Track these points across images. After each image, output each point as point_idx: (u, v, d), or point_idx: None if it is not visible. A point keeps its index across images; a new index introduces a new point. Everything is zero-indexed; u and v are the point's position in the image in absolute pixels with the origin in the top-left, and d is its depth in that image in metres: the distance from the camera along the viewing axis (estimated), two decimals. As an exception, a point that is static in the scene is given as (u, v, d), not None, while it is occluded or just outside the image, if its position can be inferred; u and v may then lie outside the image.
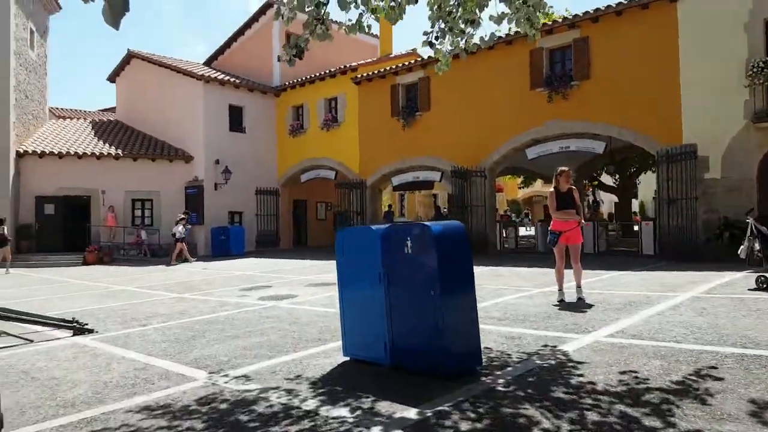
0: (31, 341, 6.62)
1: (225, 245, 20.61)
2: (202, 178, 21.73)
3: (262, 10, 24.46)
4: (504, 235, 20.40)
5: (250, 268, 15.59)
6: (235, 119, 22.82)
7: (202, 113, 21.78)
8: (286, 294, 9.96)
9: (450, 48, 6.33)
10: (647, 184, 30.80)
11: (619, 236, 22.45)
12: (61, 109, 30.28)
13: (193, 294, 10.66)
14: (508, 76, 17.16)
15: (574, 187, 7.66)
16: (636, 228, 18.71)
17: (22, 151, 19.84)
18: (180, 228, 18.83)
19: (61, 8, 24.09)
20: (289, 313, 7.97)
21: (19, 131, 20.34)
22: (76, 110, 31.38)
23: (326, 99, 22.27)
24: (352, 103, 21.25)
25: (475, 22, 6.01)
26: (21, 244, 19.56)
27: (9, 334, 6.65)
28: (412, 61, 19.70)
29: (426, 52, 18.98)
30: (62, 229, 20.42)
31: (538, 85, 16.59)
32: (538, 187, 47.49)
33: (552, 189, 7.70)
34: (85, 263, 19.11)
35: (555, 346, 5.22)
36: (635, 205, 32.96)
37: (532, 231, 25.44)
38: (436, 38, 6.13)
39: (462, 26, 6.03)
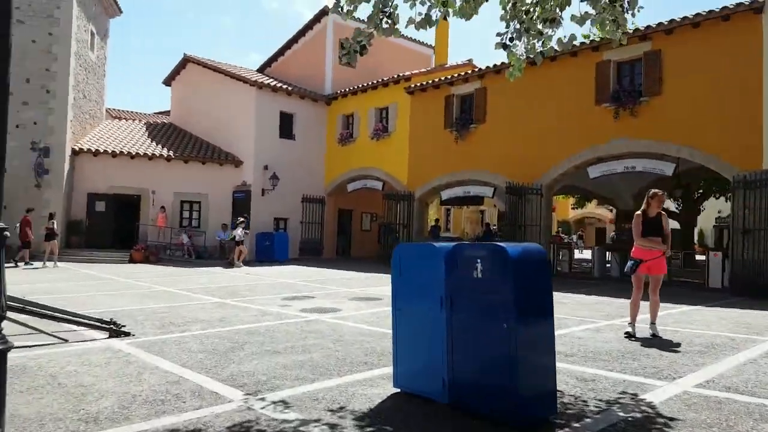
0: (66, 341, 6.34)
1: (269, 251, 20.42)
2: (250, 183, 21.67)
3: (317, 18, 24.43)
4: (559, 257, 19.47)
5: (293, 276, 15.25)
6: (286, 126, 22.74)
7: (254, 119, 21.78)
8: (330, 307, 9.49)
9: (524, 51, 5.78)
10: (709, 210, 29.13)
11: (681, 266, 21.08)
12: (118, 110, 31.07)
13: (235, 300, 10.33)
14: (571, 90, 16.36)
15: (663, 213, 6.92)
16: (700, 258, 17.34)
17: (77, 148, 20.24)
18: (239, 231, 18.81)
19: (121, 12, 24.70)
20: (332, 329, 7.48)
21: (76, 129, 20.79)
22: (131, 112, 32.15)
23: (377, 108, 21.93)
24: (404, 113, 20.83)
25: (555, 21, 5.43)
26: (71, 239, 19.89)
27: (44, 332, 6.39)
28: (469, 72, 19.13)
29: (483, 62, 18.40)
30: (111, 227, 20.71)
31: (604, 100, 15.73)
32: (591, 208, 45.88)
33: (638, 212, 6.98)
34: (132, 261, 19.22)
35: (636, 395, 4.52)
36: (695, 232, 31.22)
37: (586, 254, 24.31)
38: (511, 39, 5.58)
39: (540, 27, 5.47)
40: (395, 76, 21.03)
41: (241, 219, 19.46)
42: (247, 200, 21.57)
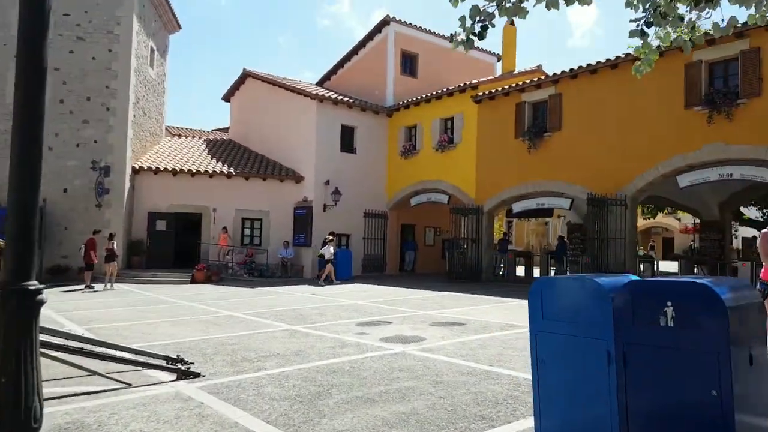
0: (129, 385, 5.59)
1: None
2: (311, 199, 21.06)
3: (377, 29, 23.78)
4: (641, 270, 17.89)
5: (360, 296, 14.35)
6: (347, 139, 22.08)
7: (314, 133, 21.21)
8: (412, 336, 8.48)
9: (659, 40, 4.73)
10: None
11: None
12: (177, 127, 31.32)
13: (306, 326, 9.48)
14: (656, 93, 14.95)
15: None
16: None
17: (137, 167, 20.16)
18: (330, 249, 18.46)
19: (181, 28, 24.80)
20: (424, 365, 6.47)
21: (136, 147, 20.75)
22: (190, 129, 32.39)
23: (442, 119, 20.96)
24: (471, 124, 19.77)
25: (712, 2, 4.33)
26: (132, 260, 19.73)
27: (105, 376, 5.66)
28: (540, 77, 17.93)
29: (559, 66, 17.15)
30: (173, 246, 20.47)
31: (695, 103, 14.25)
32: (659, 217, 43.26)
33: (766, 230, 5.80)
34: (193, 281, 18.84)
35: None
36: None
37: (662, 266, 22.42)
38: (648, 25, 4.50)
39: (681, 11, 4.40)
40: (461, 84, 20.03)
41: (330, 237, 19.01)
42: (309, 216, 20.95)
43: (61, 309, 11.74)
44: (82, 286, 16.37)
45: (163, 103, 24.67)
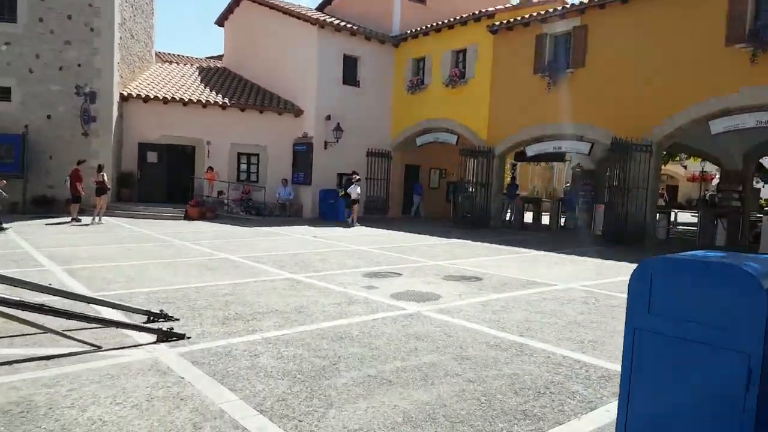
0: (99, 348, 4.71)
1: (333, 210, 18.73)
2: (312, 135, 19.82)
3: (385, -52, 21.76)
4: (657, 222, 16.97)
5: (364, 241, 13.47)
6: (350, 71, 20.59)
7: (316, 62, 19.71)
8: (426, 292, 7.60)
9: None
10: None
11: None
12: (168, 54, 29.52)
13: (308, 275, 8.61)
14: (693, 28, 13.55)
15: None
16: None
17: (126, 93, 18.78)
18: (357, 189, 17.62)
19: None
20: (444, 332, 5.60)
21: (124, 73, 19.29)
22: (183, 56, 30.55)
23: (454, 51, 19.43)
24: (485, 57, 18.29)
25: None
26: (122, 192, 18.70)
27: (68, 337, 4.76)
28: (564, 6, 16.34)
29: (585, -4, 15.54)
30: (165, 179, 19.39)
31: (738, 39, 12.87)
32: (666, 166, 42.01)
33: None
34: (187, 218, 17.92)
35: None
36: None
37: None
38: None
39: None
40: (475, 12, 18.38)
41: (357, 176, 18.10)
42: (309, 153, 19.79)
43: (42, 245, 10.83)
44: (69, 219, 15.44)
45: (152, 25, 22.94)
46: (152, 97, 19.06)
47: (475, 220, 17.87)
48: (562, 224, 19.21)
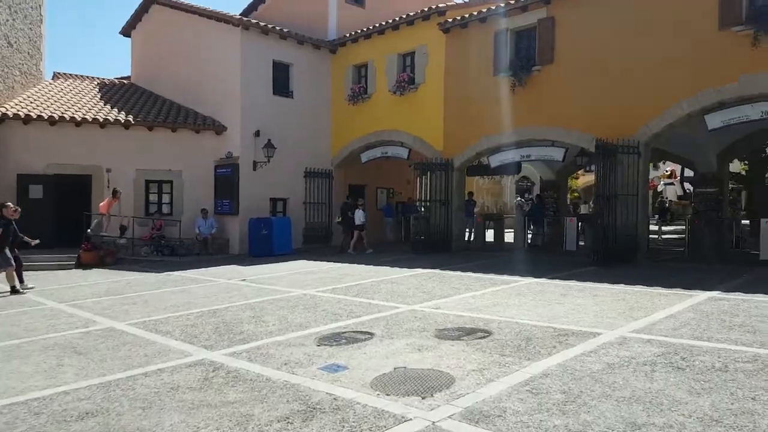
0: None
1: (266, 242, 15.58)
2: (237, 155, 16.69)
3: (314, -55, 19.22)
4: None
5: (310, 281, 10.49)
6: (281, 80, 17.69)
7: (240, 71, 16.69)
8: (426, 371, 4.76)
9: None
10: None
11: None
12: (68, 74, 25.47)
13: (233, 352, 5.62)
14: (681, 11, 11.78)
15: None
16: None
17: (1, 113, 15.01)
18: (361, 213, 16.20)
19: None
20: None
21: (-1, 88, 15.55)
22: (86, 76, 26.56)
23: (400, 54, 16.97)
24: (437, 59, 15.93)
25: None
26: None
27: None
28: (525, -2, 14.26)
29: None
30: (52, 218, 15.54)
31: (734, 21, 11.14)
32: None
33: None
34: (81, 265, 14.31)
35: None
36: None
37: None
38: None
39: None
40: (424, 10, 16.03)
41: (361, 200, 16.92)
42: (234, 177, 16.60)
43: None
44: None
45: (40, 35, 19.13)
46: (35, 117, 15.34)
47: (435, 244, 15.28)
48: (529, 242, 16.99)
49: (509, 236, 18.58)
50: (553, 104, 13.52)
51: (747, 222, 17.32)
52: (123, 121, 16.13)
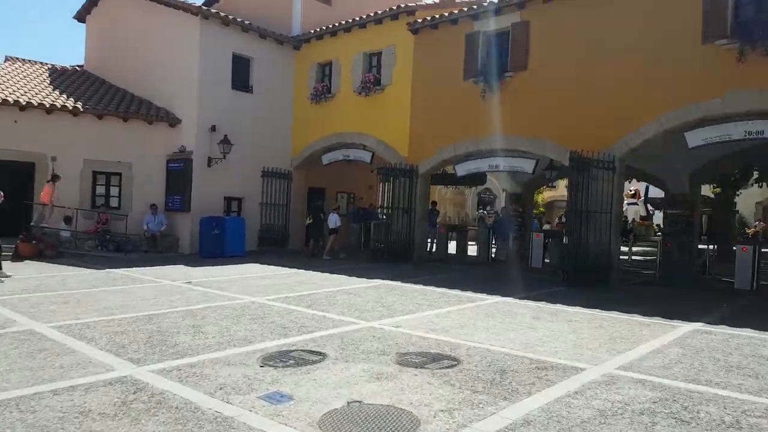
0: None
1: (218, 243, 14.82)
2: (192, 150, 15.88)
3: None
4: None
5: (261, 288, 9.86)
6: (240, 75, 16.98)
7: (198, 61, 15.92)
8: (385, 408, 4.24)
9: None
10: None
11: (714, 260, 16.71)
12: (21, 59, 23.99)
13: (162, 368, 5.00)
14: (663, 23, 11.47)
15: None
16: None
17: (-69, 92, 13.87)
18: (336, 218, 15.80)
19: None
20: None
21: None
22: (39, 62, 25.09)
23: (366, 54, 16.49)
24: (405, 60, 15.51)
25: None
26: None
27: None
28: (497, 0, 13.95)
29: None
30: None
31: (719, 35, 10.78)
32: (561, 189, 41.66)
33: None
34: (17, 257, 13.26)
35: None
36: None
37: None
38: None
39: None
40: (392, 8, 15.61)
41: (338, 204, 16.98)
42: (187, 172, 15.79)
43: None
44: None
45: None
46: (-27, 98, 14.24)
47: (396, 253, 14.81)
48: (493, 256, 16.69)
49: (471, 248, 18.27)
50: (525, 113, 13.21)
51: (713, 247, 17.36)
52: (71, 108, 15.14)
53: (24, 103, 14.65)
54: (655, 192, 26.64)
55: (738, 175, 20.48)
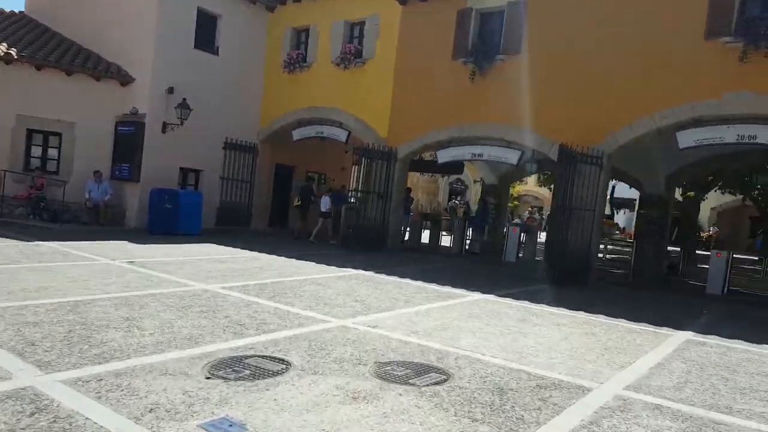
0: None
1: (170, 218, 13.26)
2: (144, 113, 14.21)
3: None
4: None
5: (214, 273, 8.49)
6: (205, 33, 15.33)
7: (156, 13, 14.21)
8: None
9: None
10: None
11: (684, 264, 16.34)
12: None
13: (80, 367, 3.83)
14: (667, 15, 10.77)
15: None
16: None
17: None
18: (327, 200, 14.92)
19: None
20: None
21: None
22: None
23: (348, 22, 15.13)
24: (389, 32, 14.23)
25: None
26: None
27: None
28: (495, -24, 12.87)
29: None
30: None
31: (723, 32, 10.19)
32: (530, 185, 41.50)
33: None
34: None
35: None
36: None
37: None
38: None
39: None
40: (379, -27, 14.31)
41: (328, 186, 16.25)
42: (138, 137, 14.11)
43: None
44: None
45: None
46: None
47: (368, 240, 13.61)
48: (467, 248, 15.75)
49: (444, 239, 17.28)
50: (514, 100, 12.18)
51: (680, 249, 16.95)
52: (3, 54, 13.20)
53: (-52, 45, 12.70)
54: (620, 192, 26.54)
55: (710, 179, 20.26)
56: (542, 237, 17.19)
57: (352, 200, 14.84)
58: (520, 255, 14.61)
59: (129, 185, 14.30)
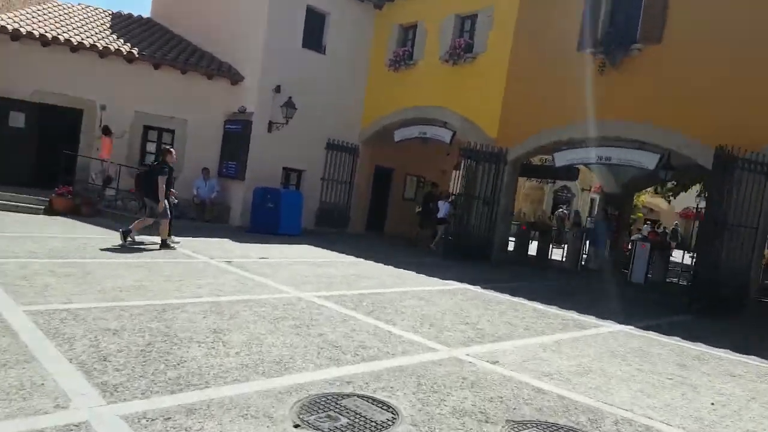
0: None
1: (272, 218, 13.08)
2: (252, 111, 14.18)
3: None
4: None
5: (312, 280, 7.93)
6: (313, 31, 15.09)
7: (266, 12, 14.13)
8: None
9: None
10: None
11: None
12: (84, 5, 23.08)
13: (148, 396, 3.22)
14: None
15: None
16: None
17: (-19, 22, 12.68)
18: (447, 206, 14.16)
19: None
20: None
21: (-16, -8, 13.21)
22: (104, 9, 24.16)
23: (459, 16, 14.24)
24: (505, 25, 13.16)
25: None
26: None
27: None
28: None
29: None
30: (33, 152, 13.36)
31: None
32: (646, 195, 38.21)
33: None
34: (50, 212, 11.99)
35: None
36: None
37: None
38: None
39: None
40: (496, -38, 13.26)
41: (449, 192, 15.29)
42: (245, 136, 14.12)
43: None
44: None
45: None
46: (24, 33, 12.97)
47: (471, 250, 12.60)
48: (583, 263, 14.25)
49: (557, 252, 15.86)
50: (653, 96, 10.66)
51: None
52: (125, 53, 13.69)
53: (75, 44, 13.29)
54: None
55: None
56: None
57: (454, 207, 13.90)
58: (649, 275, 12.81)
59: (235, 183, 14.34)
